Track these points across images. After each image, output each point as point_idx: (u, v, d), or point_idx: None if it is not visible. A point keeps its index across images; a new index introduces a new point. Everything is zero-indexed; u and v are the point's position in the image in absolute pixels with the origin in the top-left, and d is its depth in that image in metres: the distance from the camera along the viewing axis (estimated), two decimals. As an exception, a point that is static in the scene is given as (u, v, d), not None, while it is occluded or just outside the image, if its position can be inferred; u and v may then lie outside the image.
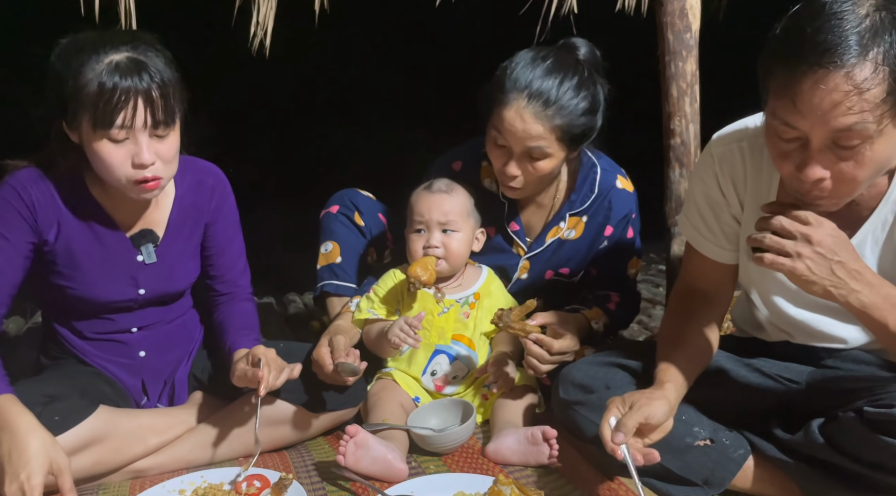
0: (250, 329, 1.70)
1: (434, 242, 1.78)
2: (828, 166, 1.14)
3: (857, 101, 1.07)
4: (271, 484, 1.46)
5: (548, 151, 1.71)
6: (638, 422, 1.27)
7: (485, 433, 1.74)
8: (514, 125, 1.68)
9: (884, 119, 1.09)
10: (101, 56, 1.37)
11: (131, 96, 1.37)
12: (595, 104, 1.73)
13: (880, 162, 1.14)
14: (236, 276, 1.75)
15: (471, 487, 1.42)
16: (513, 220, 1.96)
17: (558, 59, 1.71)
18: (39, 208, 1.49)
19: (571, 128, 1.70)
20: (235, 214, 1.73)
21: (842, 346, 1.45)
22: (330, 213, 2.12)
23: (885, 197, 1.30)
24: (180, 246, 1.65)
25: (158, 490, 1.46)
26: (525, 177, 1.76)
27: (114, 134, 1.39)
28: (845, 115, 1.08)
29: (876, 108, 1.08)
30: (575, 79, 1.69)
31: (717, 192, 1.47)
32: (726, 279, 1.54)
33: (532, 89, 1.66)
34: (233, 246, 1.73)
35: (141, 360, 1.66)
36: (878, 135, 1.10)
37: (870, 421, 1.23)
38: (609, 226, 1.95)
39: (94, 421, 1.47)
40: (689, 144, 2.04)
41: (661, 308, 2.84)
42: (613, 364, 1.55)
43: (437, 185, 1.83)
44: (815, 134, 1.12)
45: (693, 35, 2.01)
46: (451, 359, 1.82)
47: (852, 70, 1.06)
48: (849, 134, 1.10)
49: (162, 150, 1.44)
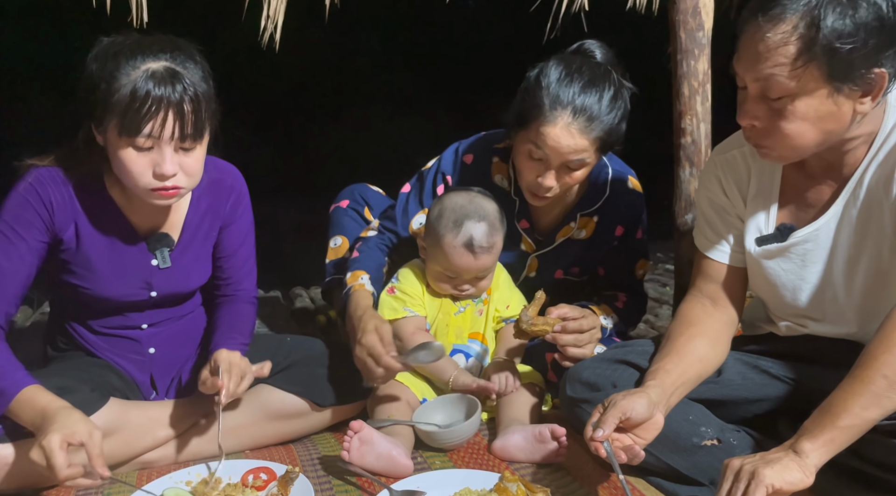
0: (239, 332, 1.66)
1: (465, 287, 1.78)
2: (759, 114, 1.29)
3: (774, 54, 1.21)
4: (277, 477, 1.46)
5: (587, 162, 1.73)
6: (616, 417, 1.28)
7: (490, 430, 1.74)
8: (559, 142, 1.67)
9: (798, 76, 1.21)
10: (137, 62, 1.35)
11: (162, 107, 1.34)
12: (626, 111, 1.76)
13: (807, 120, 1.25)
14: (241, 278, 1.73)
15: (476, 483, 1.42)
16: (523, 218, 1.96)
17: (591, 71, 1.71)
18: (57, 208, 1.48)
19: (610, 137, 1.72)
20: (250, 216, 1.72)
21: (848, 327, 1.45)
22: (340, 208, 2.11)
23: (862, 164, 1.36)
24: (195, 249, 1.64)
25: (166, 480, 1.47)
26: (560, 187, 1.77)
27: (139, 142, 1.37)
28: (763, 65, 1.23)
29: (789, 65, 1.21)
30: (611, 90, 1.70)
31: (722, 196, 1.53)
32: (737, 283, 1.54)
33: (576, 105, 1.66)
34: (243, 249, 1.71)
35: (150, 357, 1.67)
36: (800, 92, 1.23)
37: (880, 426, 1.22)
38: (619, 226, 1.96)
39: (105, 413, 1.47)
40: (699, 143, 2.03)
41: (669, 307, 2.84)
42: (621, 362, 1.55)
43: (479, 243, 1.69)
44: (748, 80, 1.27)
45: (706, 33, 2.00)
46: (467, 358, 1.81)
47: (775, 25, 1.21)
48: (768, 85, 1.24)
49: (186, 163, 1.42)
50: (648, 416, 1.31)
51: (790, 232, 1.42)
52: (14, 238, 1.46)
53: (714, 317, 1.52)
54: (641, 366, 1.52)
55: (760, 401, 1.51)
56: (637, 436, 1.32)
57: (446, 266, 1.74)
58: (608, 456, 1.27)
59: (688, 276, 1.75)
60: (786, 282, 1.46)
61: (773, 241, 1.42)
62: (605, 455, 1.28)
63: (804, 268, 1.44)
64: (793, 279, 1.45)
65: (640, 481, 1.49)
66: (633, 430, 1.32)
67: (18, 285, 1.48)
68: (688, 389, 1.43)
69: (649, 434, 1.32)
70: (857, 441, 1.27)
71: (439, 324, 1.81)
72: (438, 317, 1.81)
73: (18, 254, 1.46)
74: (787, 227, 1.44)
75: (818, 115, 1.25)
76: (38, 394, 1.37)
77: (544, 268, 2.00)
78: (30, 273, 1.49)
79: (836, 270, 1.40)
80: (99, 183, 1.53)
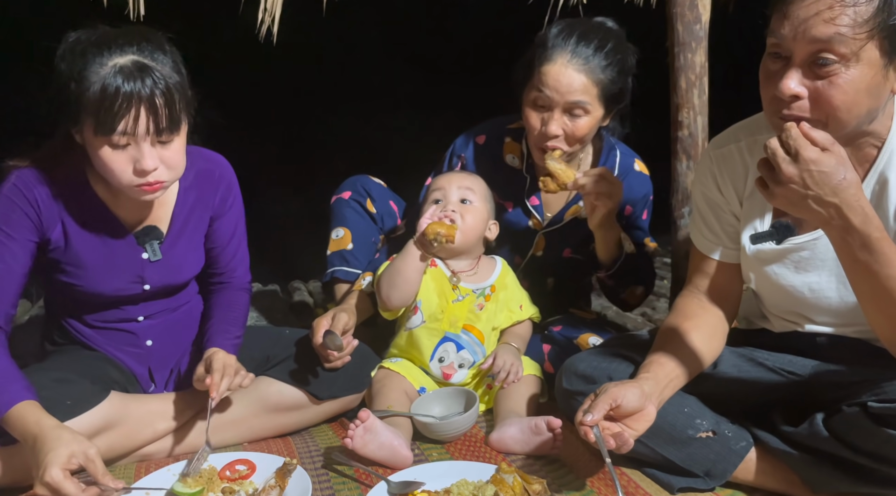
0: (233, 324, 1.67)
1: (451, 206, 1.79)
2: (804, 84, 1.18)
3: (839, 12, 1.12)
4: (257, 468, 1.47)
5: (588, 107, 1.78)
6: (607, 403, 1.29)
7: (488, 422, 1.75)
8: (559, 79, 1.75)
9: (862, 41, 1.13)
10: (104, 58, 1.33)
11: (133, 103, 1.32)
12: (628, 67, 1.84)
13: (858, 91, 1.17)
14: (235, 266, 1.74)
15: (473, 475, 1.43)
16: (533, 195, 1.99)
17: (594, 27, 1.82)
18: (44, 207, 1.47)
19: (610, 85, 1.79)
20: (240, 206, 1.72)
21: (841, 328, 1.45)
22: (342, 199, 2.12)
23: (874, 167, 1.32)
24: (185, 240, 1.64)
25: (164, 473, 1.47)
26: (564, 138, 1.81)
27: (115, 140, 1.35)
28: (825, 24, 1.13)
29: (856, 27, 1.12)
30: (611, 42, 1.79)
31: (716, 192, 1.50)
32: (733, 279, 1.54)
33: (576, 47, 1.76)
34: (234, 238, 1.71)
35: (148, 349, 1.67)
36: (856, 59, 1.14)
37: (874, 415, 1.24)
38: (628, 205, 2.00)
39: (106, 407, 1.48)
40: (696, 136, 2.03)
41: (666, 301, 2.84)
42: (616, 354, 1.56)
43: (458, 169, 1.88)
44: (797, 44, 1.16)
45: (703, 26, 1.99)
46: (458, 349, 1.82)
47: None
48: (826, 46, 1.14)
49: (166, 156, 1.40)
50: (640, 407, 1.31)
51: (786, 230, 1.39)
52: (4, 239, 1.45)
53: (710, 311, 1.53)
54: (637, 359, 1.53)
55: (755, 393, 1.51)
56: (628, 426, 1.32)
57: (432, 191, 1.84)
58: (597, 440, 1.28)
59: (684, 270, 1.75)
60: (781, 285, 1.45)
61: (767, 239, 1.40)
62: (594, 440, 1.28)
63: (799, 275, 1.43)
64: (787, 283, 1.44)
65: (636, 472, 1.50)
66: (623, 421, 1.33)
67: (15, 285, 1.47)
68: (682, 383, 1.44)
69: (640, 425, 1.32)
70: (849, 431, 1.28)
71: (435, 310, 1.80)
72: (436, 302, 1.80)
73: (11, 254, 1.45)
74: (783, 225, 1.40)
75: (868, 87, 1.17)
76: (29, 413, 1.34)
77: (551, 247, 2.02)
78: (24, 272, 1.48)
79: (833, 278, 1.39)
80: (83, 180, 1.51)
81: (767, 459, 1.44)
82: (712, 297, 1.54)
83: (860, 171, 1.33)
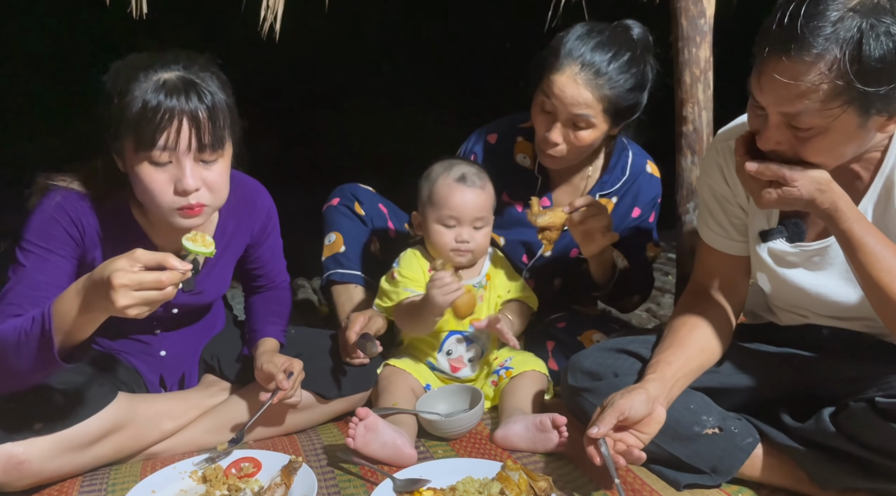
0: (280, 316, 1.76)
1: (465, 238, 1.76)
2: (782, 140, 1.23)
3: (806, 92, 1.15)
4: (262, 466, 1.47)
5: (592, 121, 1.75)
6: (614, 416, 1.28)
7: (493, 419, 1.75)
8: (564, 90, 1.72)
9: (835, 114, 1.15)
10: (150, 74, 1.32)
11: (176, 116, 1.30)
12: (643, 82, 1.78)
13: (836, 146, 1.21)
14: (274, 276, 1.82)
15: (479, 472, 1.42)
16: (544, 196, 1.99)
17: (613, 34, 1.77)
18: (87, 230, 1.45)
19: (618, 101, 1.75)
20: (277, 229, 1.75)
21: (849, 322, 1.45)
22: (331, 206, 2.14)
23: (879, 172, 1.32)
24: (219, 268, 1.64)
25: (169, 471, 1.47)
26: (566, 146, 1.80)
27: (156, 155, 1.32)
28: (793, 102, 1.17)
29: (827, 102, 1.15)
30: (627, 55, 1.74)
31: (723, 185, 1.50)
32: (739, 273, 1.54)
33: (585, 59, 1.71)
34: (274, 257, 1.78)
35: (161, 359, 1.67)
36: (830, 128, 1.18)
37: (882, 410, 1.24)
38: (637, 207, 1.99)
39: (114, 408, 1.47)
40: (701, 131, 2.02)
41: (671, 296, 2.84)
42: (622, 351, 1.55)
43: (471, 178, 1.75)
44: (770, 111, 1.22)
45: (707, 21, 1.98)
46: (468, 344, 1.82)
47: (807, 65, 1.13)
48: (798, 119, 1.19)
49: (209, 178, 1.37)
50: (647, 412, 1.31)
51: (796, 229, 1.39)
52: (45, 254, 1.42)
53: (716, 307, 1.52)
54: (643, 355, 1.52)
55: (762, 388, 1.51)
56: (639, 431, 1.32)
57: (443, 211, 1.74)
58: (605, 459, 1.27)
59: (689, 265, 1.75)
60: (790, 282, 1.44)
61: (776, 236, 1.40)
62: (601, 461, 1.27)
63: (808, 275, 1.42)
64: (796, 281, 1.43)
65: (642, 468, 1.49)
66: (634, 427, 1.32)
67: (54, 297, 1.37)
68: (690, 380, 1.43)
69: (651, 428, 1.32)
70: (856, 426, 1.28)
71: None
72: None
73: (54, 265, 1.42)
74: (793, 224, 1.40)
75: (847, 141, 1.21)
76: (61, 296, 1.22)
77: (560, 247, 2.02)
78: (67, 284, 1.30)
79: (843, 280, 1.39)
80: (124, 207, 1.49)
81: (774, 455, 1.43)
82: (719, 292, 1.53)
83: (866, 175, 1.33)
